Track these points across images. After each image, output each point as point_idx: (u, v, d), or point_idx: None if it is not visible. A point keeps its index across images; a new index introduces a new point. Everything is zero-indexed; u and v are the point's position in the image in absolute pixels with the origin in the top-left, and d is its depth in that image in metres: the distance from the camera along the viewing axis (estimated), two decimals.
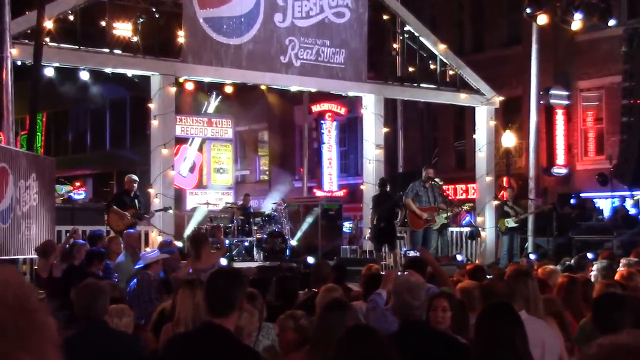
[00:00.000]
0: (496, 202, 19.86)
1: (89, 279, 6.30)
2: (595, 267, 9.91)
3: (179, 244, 14.76)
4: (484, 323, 4.45)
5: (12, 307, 1.05)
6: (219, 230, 16.88)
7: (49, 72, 16.96)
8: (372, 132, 18.77)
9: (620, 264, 10.51)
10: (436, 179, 18.09)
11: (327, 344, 4.47)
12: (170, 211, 15.45)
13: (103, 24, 15.64)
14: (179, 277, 8.87)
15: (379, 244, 16.94)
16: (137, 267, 10.33)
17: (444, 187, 19.54)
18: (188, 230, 17.53)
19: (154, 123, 15.87)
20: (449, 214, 17.46)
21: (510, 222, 18.50)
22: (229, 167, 32.34)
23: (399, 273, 7.54)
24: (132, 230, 13.22)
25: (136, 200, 15.08)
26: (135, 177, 15.38)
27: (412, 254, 15.21)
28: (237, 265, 15.52)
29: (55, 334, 1.09)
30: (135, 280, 9.78)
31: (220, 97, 29.94)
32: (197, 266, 9.61)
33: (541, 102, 22.46)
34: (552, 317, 6.09)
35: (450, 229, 18.50)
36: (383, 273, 8.45)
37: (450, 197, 19.31)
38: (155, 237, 15.41)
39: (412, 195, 17.06)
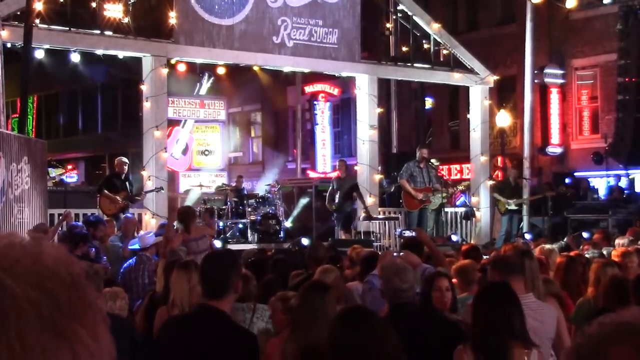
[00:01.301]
0: (491, 182, 19.87)
1: (82, 262, 6.29)
2: (590, 251, 9.94)
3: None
4: (482, 303, 4.45)
5: (66, 283, 1.06)
6: (205, 214, 16.86)
7: (40, 54, 16.85)
8: (366, 112, 18.73)
9: (616, 243, 10.54)
10: (432, 160, 18.12)
11: (308, 325, 4.48)
12: (162, 191, 15.42)
13: (93, 5, 15.52)
14: (174, 248, 8.93)
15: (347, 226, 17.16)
16: (131, 247, 10.35)
17: (439, 167, 19.59)
18: None
19: (146, 105, 15.81)
20: (444, 194, 17.51)
21: (511, 205, 18.53)
22: (216, 148, 32.31)
23: (395, 254, 7.56)
24: (130, 215, 13.32)
25: (127, 183, 15.09)
26: (125, 160, 15.38)
27: (407, 234, 15.25)
28: (231, 247, 15.52)
29: (104, 312, 1.09)
30: (133, 261, 9.79)
31: (212, 78, 29.83)
32: (188, 237, 9.75)
33: (536, 81, 22.44)
34: (552, 297, 6.09)
35: (445, 209, 18.52)
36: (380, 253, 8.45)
37: (445, 178, 19.33)
38: (149, 220, 15.40)
39: (406, 176, 17.12)
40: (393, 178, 20.40)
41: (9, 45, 14.35)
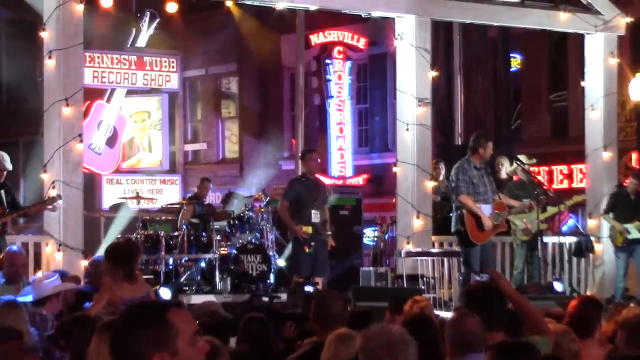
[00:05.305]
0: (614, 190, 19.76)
1: None
2: None
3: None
4: None
5: None
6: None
7: None
8: (412, 78, 18.73)
9: None
10: (520, 157, 18.09)
11: None
12: (60, 202, 15.32)
13: None
14: (96, 315, 8.93)
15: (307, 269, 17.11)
16: (21, 298, 10.35)
17: (532, 170, 19.55)
18: (106, 242, 17.55)
19: (49, 64, 15.83)
20: (542, 213, 17.52)
21: (634, 231, 18.47)
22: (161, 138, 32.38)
23: (465, 311, 7.58)
24: (16, 249, 13.19)
25: (2, 192, 15.08)
26: (4, 156, 15.37)
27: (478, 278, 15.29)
28: (189, 299, 15.54)
29: None
30: None
31: (158, 21, 29.91)
32: (120, 296, 9.66)
33: None
34: None
35: (543, 239, 18.51)
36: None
37: (544, 186, 19.33)
38: (52, 254, 15.41)
39: (466, 188, 17.03)
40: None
41: None
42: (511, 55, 28.80)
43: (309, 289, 15.67)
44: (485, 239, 16.98)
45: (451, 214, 19.88)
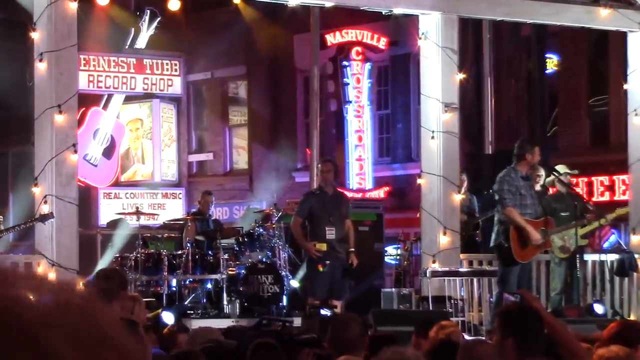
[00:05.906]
0: None
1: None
2: None
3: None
4: None
5: None
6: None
7: None
8: (437, 81, 18.73)
9: None
10: (559, 168, 18.04)
11: None
12: (52, 221, 15.38)
13: None
14: None
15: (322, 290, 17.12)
16: None
17: (573, 181, 19.53)
18: (103, 262, 17.57)
19: (40, 67, 15.87)
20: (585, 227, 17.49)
21: None
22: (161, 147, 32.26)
23: (478, 337, 7.61)
24: None
25: None
26: None
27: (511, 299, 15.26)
28: (194, 324, 15.55)
29: None
30: None
31: (159, 20, 29.94)
32: None
33: None
34: None
35: (584, 256, 18.48)
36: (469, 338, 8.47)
37: (585, 199, 19.28)
38: (45, 274, 15.46)
39: (512, 199, 16.95)
40: (486, 200, 20.32)
41: None
42: (547, 55, 28.76)
43: (325, 312, 15.67)
44: (529, 257, 16.95)
45: (478, 231, 19.91)
